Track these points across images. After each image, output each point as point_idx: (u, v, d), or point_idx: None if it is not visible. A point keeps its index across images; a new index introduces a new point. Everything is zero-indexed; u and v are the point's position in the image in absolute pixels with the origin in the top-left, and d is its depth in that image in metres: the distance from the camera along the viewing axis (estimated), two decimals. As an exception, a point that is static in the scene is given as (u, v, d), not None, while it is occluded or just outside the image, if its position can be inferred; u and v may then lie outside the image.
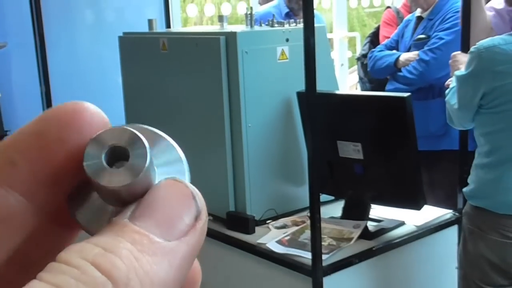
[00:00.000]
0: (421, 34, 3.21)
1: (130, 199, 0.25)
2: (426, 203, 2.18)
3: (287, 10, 3.59)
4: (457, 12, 2.92)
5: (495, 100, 2.00)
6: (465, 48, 2.28)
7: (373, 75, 3.44)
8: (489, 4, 2.78)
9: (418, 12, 3.29)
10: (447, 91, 2.23)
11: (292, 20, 2.41)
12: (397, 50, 3.34)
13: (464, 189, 2.17)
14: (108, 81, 3.40)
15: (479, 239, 2.11)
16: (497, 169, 2.05)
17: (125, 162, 0.25)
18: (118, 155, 0.25)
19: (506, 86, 1.96)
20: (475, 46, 2.01)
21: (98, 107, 0.27)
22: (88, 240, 0.23)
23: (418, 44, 3.19)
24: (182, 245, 0.24)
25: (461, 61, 2.21)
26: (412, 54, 3.17)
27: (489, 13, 2.65)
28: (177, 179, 0.26)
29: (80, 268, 0.22)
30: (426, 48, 3.12)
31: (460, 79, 2.07)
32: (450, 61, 2.35)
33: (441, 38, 3.08)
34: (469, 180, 2.16)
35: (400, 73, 3.18)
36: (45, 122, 0.26)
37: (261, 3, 4.04)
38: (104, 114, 0.27)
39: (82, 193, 0.27)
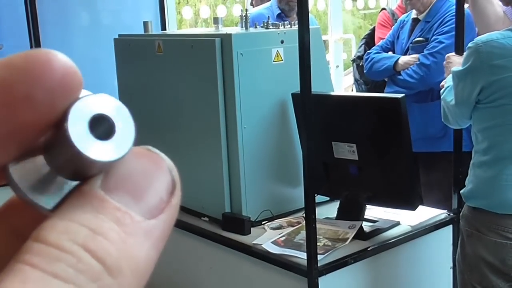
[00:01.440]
0: (419, 36, 3.22)
1: (95, 174, 0.23)
2: (422, 204, 2.19)
3: (278, 11, 3.60)
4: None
5: (493, 95, 1.99)
6: (459, 50, 2.29)
7: (370, 77, 3.45)
8: None
9: (414, 14, 3.30)
10: (442, 91, 2.24)
11: (287, 22, 2.42)
12: (393, 51, 3.34)
13: (462, 191, 2.17)
14: (103, 83, 3.40)
15: (477, 242, 2.10)
16: (496, 166, 2.04)
17: (110, 134, 0.23)
18: (101, 125, 0.23)
19: (504, 80, 1.96)
20: (472, 41, 2.01)
21: (70, 60, 0.24)
22: (68, 217, 0.22)
23: (416, 47, 3.20)
24: (160, 224, 0.23)
25: (455, 62, 2.21)
26: (411, 58, 3.18)
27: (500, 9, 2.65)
28: (149, 148, 0.25)
29: (74, 254, 0.21)
30: (426, 52, 3.12)
31: (458, 74, 2.06)
32: (444, 62, 2.36)
33: (441, 42, 3.09)
34: (466, 181, 2.16)
35: (400, 77, 3.19)
36: (12, 72, 0.23)
37: (253, 5, 4.05)
38: (78, 70, 0.24)
39: (26, 156, 0.24)
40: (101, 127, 0.23)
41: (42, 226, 0.21)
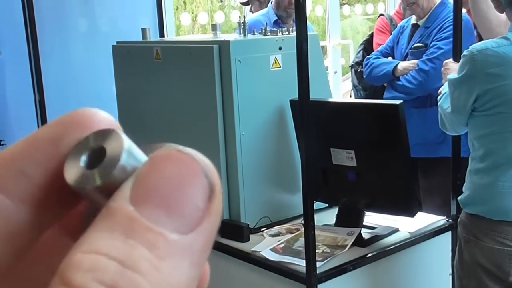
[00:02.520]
0: (418, 42, 3.22)
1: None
2: (421, 210, 2.19)
3: (275, 17, 3.60)
4: None
5: (488, 103, 2.00)
6: (456, 57, 2.29)
7: (369, 82, 3.45)
8: None
9: (413, 19, 3.31)
10: (439, 97, 2.24)
11: (285, 29, 2.42)
12: (393, 56, 3.35)
13: (459, 197, 2.17)
14: (101, 90, 3.41)
15: (475, 248, 2.10)
16: (492, 173, 2.05)
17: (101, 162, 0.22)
18: (99, 156, 0.23)
19: (499, 88, 1.97)
20: (467, 50, 2.02)
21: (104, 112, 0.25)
22: (95, 248, 0.20)
23: (415, 53, 3.21)
24: (199, 237, 0.21)
25: (453, 68, 2.22)
26: (410, 63, 3.18)
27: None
28: (180, 149, 0.22)
29: None
30: (425, 57, 3.13)
31: (453, 82, 2.07)
32: (442, 69, 2.36)
33: (440, 48, 3.09)
34: (464, 188, 2.16)
35: (399, 82, 3.19)
36: (64, 128, 0.23)
37: (252, 11, 4.05)
38: (116, 122, 0.24)
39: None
40: (99, 158, 0.23)
41: (67, 263, 0.19)
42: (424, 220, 2.31)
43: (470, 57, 1.99)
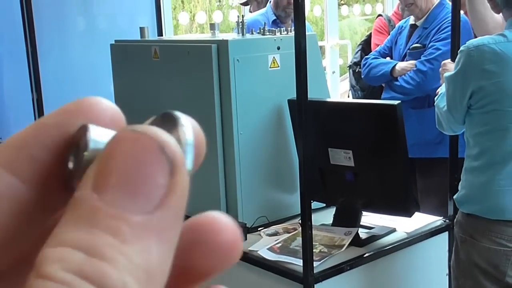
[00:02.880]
0: (416, 42, 3.23)
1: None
2: (418, 210, 2.19)
3: (274, 17, 3.60)
4: None
5: (483, 100, 2.00)
6: (454, 57, 2.30)
7: (367, 82, 3.45)
8: None
9: (411, 20, 3.31)
10: (436, 97, 2.25)
11: (283, 28, 2.42)
12: (391, 57, 3.35)
13: (455, 196, 2.18)
14: (99, 89, 3.40)
15: (471, 248, 2.11)
16: (487, 171, 2.05)
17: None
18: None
19: (495, 85, 1.97)
20: (464, 45, 2.02)
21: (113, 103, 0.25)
22: (63, 240, 0.20)
23: (414, 53, 3.21)
24: (165, 214, 0.21)
25: (451, 69, 2.22)
26: (408, 64, 3.19)
27: None
28: (135, 128, 0.22)
29: (70, 285, 0.19)
30: (423, 58, 3.14)
31: (449, 79, 2.08)
32: (440, 69, 2.36)
33: (438, 49, 3.10)
34: (459, 186, 2.17)
35: (397, 83, 3.20)
36: (69, 115, 0.24)
37: (251, 11, 4.05)
38: (119, 111, 0.25)
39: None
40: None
41: (39, 257, 0.20)
42: (421, 220, 2.31)
43: (466, 52, 1.99)
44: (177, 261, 0.22)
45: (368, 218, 2.25)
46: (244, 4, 4.26)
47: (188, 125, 0.24)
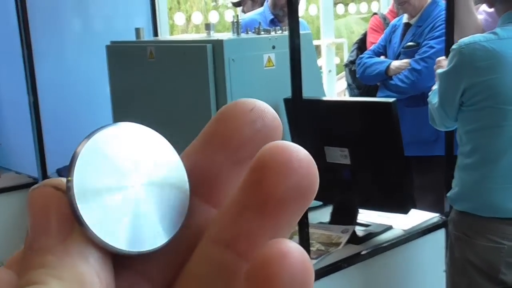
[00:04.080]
0: (410, 41, 3.23)
1: None
2: (414, 207, 2.19)
3: (271, 16, 3.61)
4: None
5: (475, 97, 2.01)
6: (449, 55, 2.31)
7: (362, 81, 3.46)
8: (480, 8, 2.81)
9: (405, 18, 3.32)
10: (430, 93, 2.26)
11: (278, 28, 2.42)
12: (385, 55, 3.36)
13: (448, 194, 2.18)
14: (96, 90, 3.40)
15: (465, 245, 2.11)
16: (480, 169, 2.06)
17: None
18: None
19: (486, 82, 1.98)
20: (456, 43, 2.04)
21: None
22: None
23: (408, 52, 3.22)
24: (77, 235, 0.25)
25: (445, 66, 2.23)
26: (403, 62, 3.19)
27: (481, 17, 2.67)
28: (34, 186, 0.26)
29: None
30: (417, 57, 3.14)
31: (441, 76, 2.09)
32: (434, 66, 2.37)
33: (432, 47, 3.10)
34: (453, 184, 2.17)
35: (392, 82, 3.21)
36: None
37: (245, 11, 4.05)
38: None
39: None
40: None
41: None
42: (418, 217, 2.32)
43: (458, 50, 2.00)
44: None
45: (365, 216, 2.25)
46: (236, 4, 4.25)
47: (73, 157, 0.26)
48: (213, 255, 0.25)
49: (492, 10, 2.49)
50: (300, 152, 0.25)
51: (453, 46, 2.04)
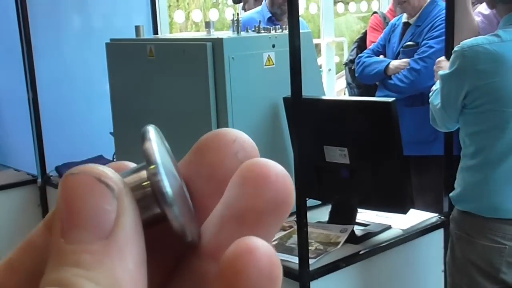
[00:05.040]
0: (409, 40, 3.23)
1: None
2: (413, 207, 2.20)
3: (269, 15, 3.60)
4: None
5: (478, 100, 2.01)
6: (449, 55, 2.30)
7: (361, 81, 3.46)
8: (476, 10, 2.81)
9: (404, 17, 3.32)
10: (430, 93, 2.26)
11: (278, 26, 2.42)
12: (384, 55, 3.36)
13: (451, 194, 2.19)
14: (95, 88, 3.40)
15: (466, 245, 2.12)
16: (482, 170, 2.06)
17: None
18: None
19: (489, 85, 1.98)
20: (458, 46, 2.03)
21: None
22: (42, 283, 0.23)
23: (407, 51, 3.21)
24: (121, 233, 0.23)
25: (445, 67, 2.23)
26: (402, 62, 3.19)
27: (477, 19, 2.67)
28: (71, 171, 0.24)
29: None
30: (416, 56, 3.14)
31: (443, 78, 2.09)
32: (434, 67, 2.37)
33: (431, 47, 3.10)
34: (455, 185, 2.18)
35: (391, 81, 3.20)
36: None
37: (245, 9, 4.05)
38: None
39: None
40: None
41: None
42: (417, 217, 2.32)
43: (460, 53, 2.00)
44: (232, 205, 0.25)
45: (364, 215, 2.25)
46: (236, 1, 4.24)
47: (149, 145, 0.26)
48: (197, 267, 0.26)
49: (489, 12, 2.49)
50: (277, 168, 0.25)
51: (456, 48, 2.03)
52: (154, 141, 0.26)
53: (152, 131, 0.26)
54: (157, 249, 0.26)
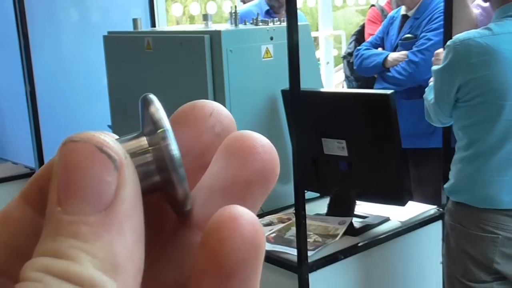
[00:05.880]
0: (408, 33, 3.23)
1: None
2: (411, 199, 2.20)
3: (267, 7, 3.60)
4: None
5: (470, 93, 2.03)
6: (447, 46, 2.31)
7: (360, 73, 3.46)
8: (475, 2, 2.80)
9: (403, 10, 3.31)
10: (426, 88, 2.27)
11: (276, 19, 2.42)
12: (383, 47, 3.36)
13: (445, 186, 2.20)
14: (93, 81, 3.40)
15: (461, 235, 2.14)
16: (475, 162, 2.09)
17: None
18: None
19: (481, 78, 1.99)
20: (451, 40, 2.05)
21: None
22: (36, 251, 0.22)
23: (405, 44, 3.21)
24: (120, 206, 0.23)
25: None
26: (400, 54, 3.19)
27: (476, 11, 2.67)
28: (71, 138, 0.23)
29: (40, 280, 0.21)
30: (415, 49, 3.14)
31: (436, 73, 2.10)
32: (433, 58, 2.37)
33: (429, 39, 3.10)
34: (450, 176, 2.20)
35: (389, 73, 3.20)
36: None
37: (244, 2, 4.04)
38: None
39: None
40: None
41: (22, 268, 0.22)
42: (415, 209, 2.33)
43: (452, 47, 2.02)
44: (219, 174, 0.25)
45: (362, 207, 2.26)
46: None
47: (155, 109, 0.25)
48: (185, 238, 0.26)
49: (487, 4, 2.49)
50: (262, 139, 0.26)
51: (448, 43, 2.05)
52: (160, 107, 0.25)
53: (155, 98, 0.26)
54: (146, 220, 0.25)
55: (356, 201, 2.22)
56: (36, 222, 0.25)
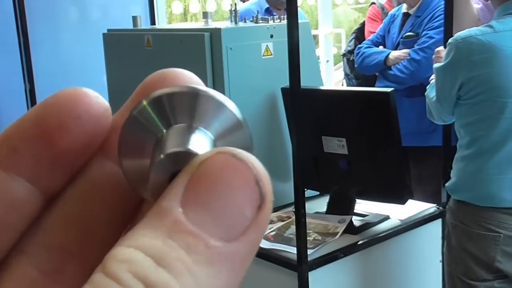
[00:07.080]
0: (409, 31, 3.22)
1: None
2: (412, 197, 2.20)
3: (267, 5, 3.59)
4: None
5: (472, 91, 2.02)
6: (448, 44, 2.30)
7: (361, 71, 3.45)
8: None
9: (404, 8, 3.31)
10: (427, 86, 2.26)
11: (276, 16, 2.41)
12: (384, 45, 3.35)
13: (447, 184, 2.20)
14: (92, 78, 3.39)
15: (462, 234, 2.14)
16: (477, 160, 2.08)
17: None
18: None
19: (483, 76, 1.99)
20: (452, 38, 2.04)
21: (97, 93, 0.26)
22: (136, 243, 0.20)
23: (407, 42, 3.21)
24: (242, 246, 0.21)
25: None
26: (402, 53, 3.18)
27: (477, 6, 2.66)
28: (234, 153, 0.22)
29: None
30: (416, 47, 3.13)
31: (438, 70, 2.10)
32: (433, 56, 2.37)
33: (431, 37, 3.09)
34: (451, 174, 2.19)
35: (391, 72, 3.20)
36: (45, 109, 0.25)
37: (244, 0, 4.03)
38: (103, 99, 0.26)
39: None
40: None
41: (110, 253, 0.20)
42: (415, 207, 2.32)
43: (454, 44, 2.01)
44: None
45: (362, 206, 2.25)
46: None
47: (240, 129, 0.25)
48: (107, 169, 0.26)
49: (488, 1, 2.49)
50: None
51: (450, 40, 2.05)
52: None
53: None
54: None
55: (356, 199, 2.21)
56: (10, 185, 0.25)
